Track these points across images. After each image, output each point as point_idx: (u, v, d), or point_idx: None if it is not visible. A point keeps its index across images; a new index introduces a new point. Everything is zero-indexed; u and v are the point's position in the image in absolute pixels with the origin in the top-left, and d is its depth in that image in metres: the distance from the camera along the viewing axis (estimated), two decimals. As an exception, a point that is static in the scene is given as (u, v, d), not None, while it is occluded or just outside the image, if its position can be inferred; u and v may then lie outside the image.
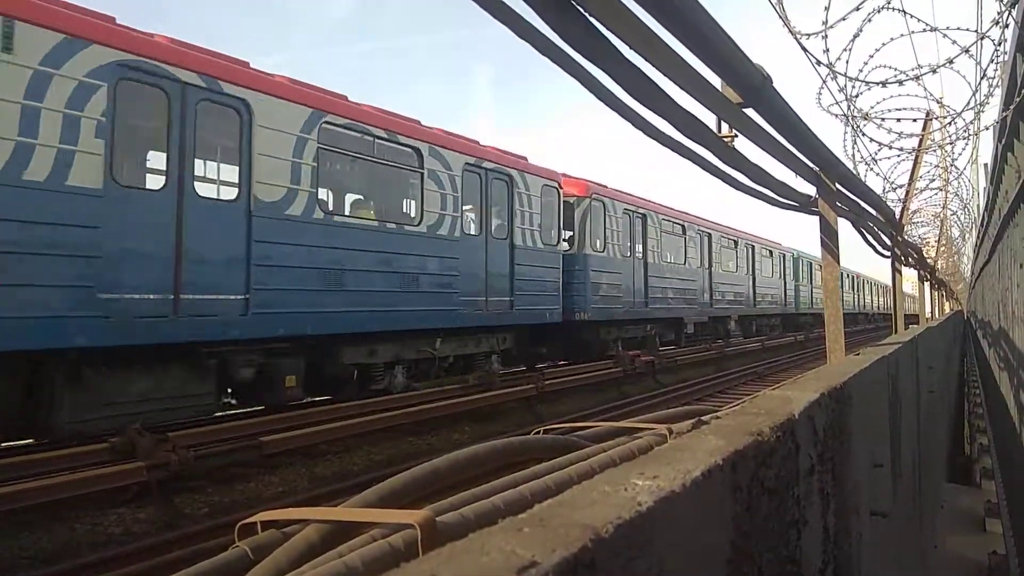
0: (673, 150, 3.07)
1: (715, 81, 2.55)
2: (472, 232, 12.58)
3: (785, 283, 31.93)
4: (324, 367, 9.93)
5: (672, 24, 1.90)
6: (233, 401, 9.48)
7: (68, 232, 6.79)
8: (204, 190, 8.40)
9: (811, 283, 35.61)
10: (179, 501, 6.80)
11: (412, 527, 1.19)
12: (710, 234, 23.48)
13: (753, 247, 27.79)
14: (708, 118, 2.92)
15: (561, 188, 15.22)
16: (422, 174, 11.29)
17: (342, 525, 1.33)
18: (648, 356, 17.03)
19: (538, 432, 2.17)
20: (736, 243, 26.00)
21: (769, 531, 1.28)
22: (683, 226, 21.36)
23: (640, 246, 18.46)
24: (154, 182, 8.18)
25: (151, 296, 7.47)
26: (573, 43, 1.74)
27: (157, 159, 8.52)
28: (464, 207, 12.34)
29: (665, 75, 2.11)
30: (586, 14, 1.67)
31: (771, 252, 30.25)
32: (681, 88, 2.28)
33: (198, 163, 8.48)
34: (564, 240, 15.50)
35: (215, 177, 9.26)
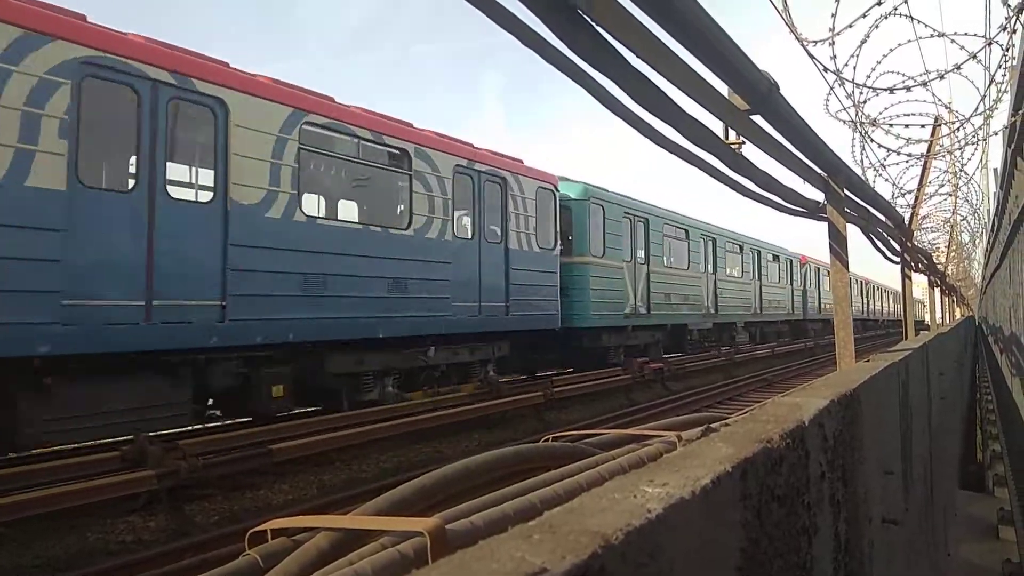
0: (681, 157, 3.08)
1: (722, 88, 2.56)
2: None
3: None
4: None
5: (679, 32, 1.91)
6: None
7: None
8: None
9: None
10: (189, 509, 6.82)
11: (422, 535, 1.19)
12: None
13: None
14: (715, 125, 2.92)
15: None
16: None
17: (352, 533, 1.33)
18: (657, 364, 16.99)
19: (547, 439, 2.16)
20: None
21: (779, 538, 1.27)
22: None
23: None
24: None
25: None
26: (581, 52, 1.75)
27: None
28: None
29: (672, 83, 2.12)
30: (593, 24, 1.68)
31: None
32: (688, 96, 2.28)
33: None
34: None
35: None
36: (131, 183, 7.68)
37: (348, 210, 11.68)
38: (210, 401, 8.82)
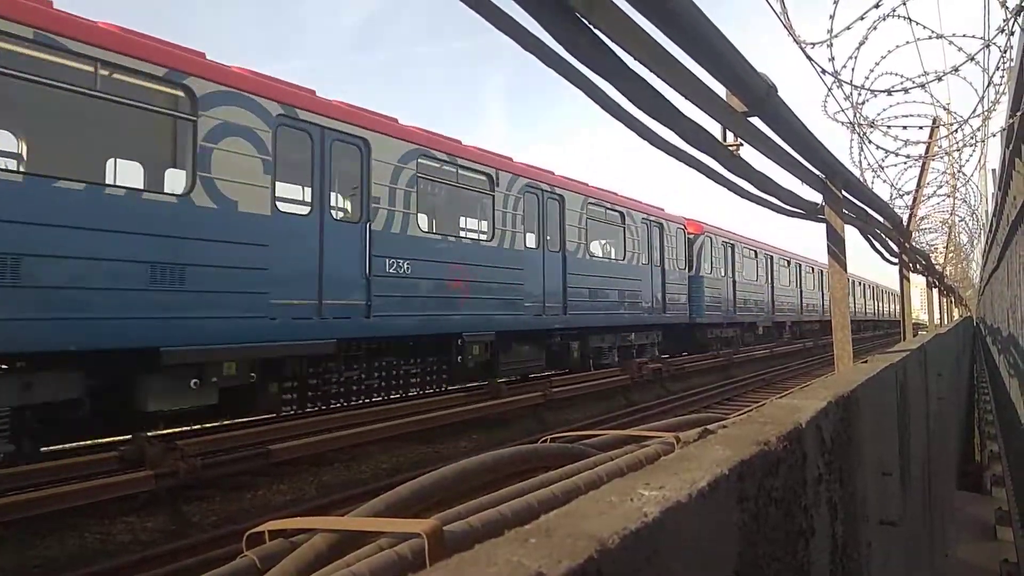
0: (679, 159, 3.08)
1: (720, 91, 2.56)
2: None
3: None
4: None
5: (677, 35, 1.92)
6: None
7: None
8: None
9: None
10: (187, 509, 6.82)
11: (419, 536, 1.20)
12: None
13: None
14: (713, 127, 2.93)
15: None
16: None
17: (350, 534, 1.33)
18: (655, 364, 17.00)
19: (545, 440, 2.17)
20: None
21: (776, 541, 1.28)
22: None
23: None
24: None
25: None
26: (580, 56, 1.75)
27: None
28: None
29: (670, 86, 2.12)
30: (592, 27, 1.68)
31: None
32: (686, 98, 2.29)
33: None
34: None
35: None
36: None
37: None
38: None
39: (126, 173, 9.42)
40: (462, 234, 13.81)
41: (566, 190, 15.02)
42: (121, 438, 7.69)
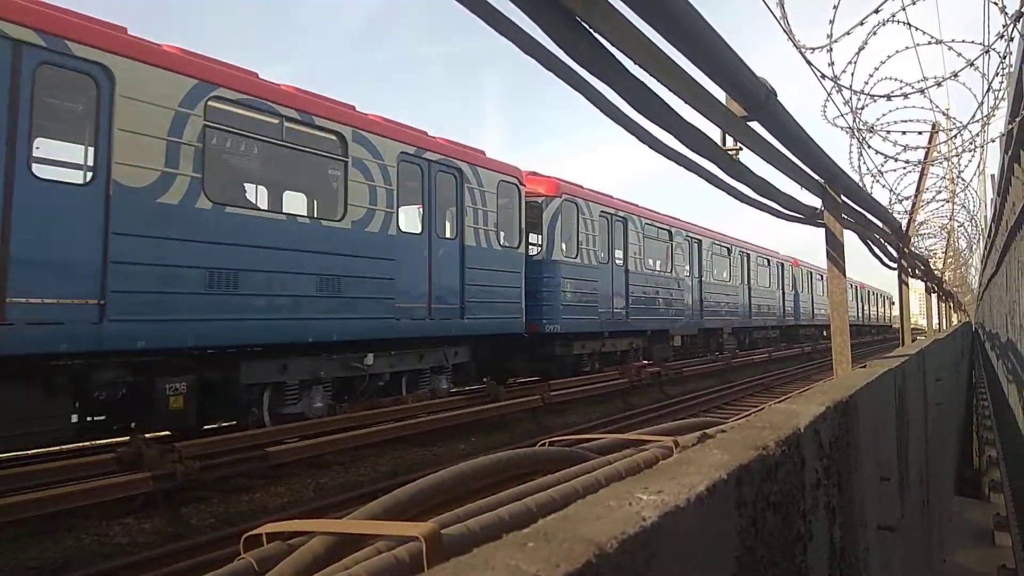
0: (678, 163, 3.08)
1: (720, 95, 2.56)
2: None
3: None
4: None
5: (677, 40, 1.92)
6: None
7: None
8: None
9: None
10: (185, 512, 6.80)
11: (417, 540, 1.19)
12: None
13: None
14: (713, 132, 2.93)
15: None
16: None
17: (347, 537, 1.33)
18: (654, 368, 17.00)
19: (544, 444, 2.17)
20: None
21: (775, 546, 1.28)
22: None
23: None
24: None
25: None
26: (580, 59, 1.76)
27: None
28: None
29: (670, 90, 2.13)
30: (592, 31, 1.68)
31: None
32: (686, 102, 2.29)
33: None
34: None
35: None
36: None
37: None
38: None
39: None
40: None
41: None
42: (119, 439, 7.68)
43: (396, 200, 10.80)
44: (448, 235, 12.22)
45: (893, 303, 60.82)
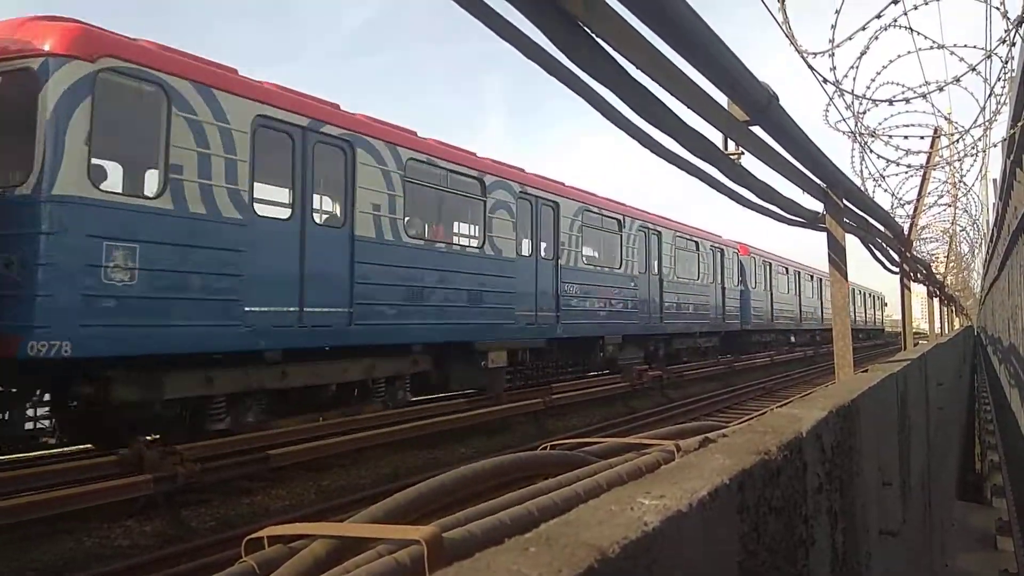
0: (680, 168, 3.08)
1: (722, 100, 2.57)
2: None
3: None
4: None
5: (678, 44, 1.92)
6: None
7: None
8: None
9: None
10: (186, 514, 6.80)
11: (418, 543, 1.19)
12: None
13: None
14: (715, 136, 2.93)
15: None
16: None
17: (349, 540, 1.33)
18: (656, 371, 17.00)
19: (545, 447, 2.16)
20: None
21: (777, 551, 1.28)
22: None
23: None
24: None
25: None
26: (581, 64, 1.76)
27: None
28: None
29: (672, 95, 2.13)
30: (594, 36, 1.68)
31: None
32: (688, 107, 2.29)
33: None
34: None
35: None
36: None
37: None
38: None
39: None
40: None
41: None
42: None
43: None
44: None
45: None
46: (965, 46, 5.29)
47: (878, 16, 4.52)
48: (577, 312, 14.87)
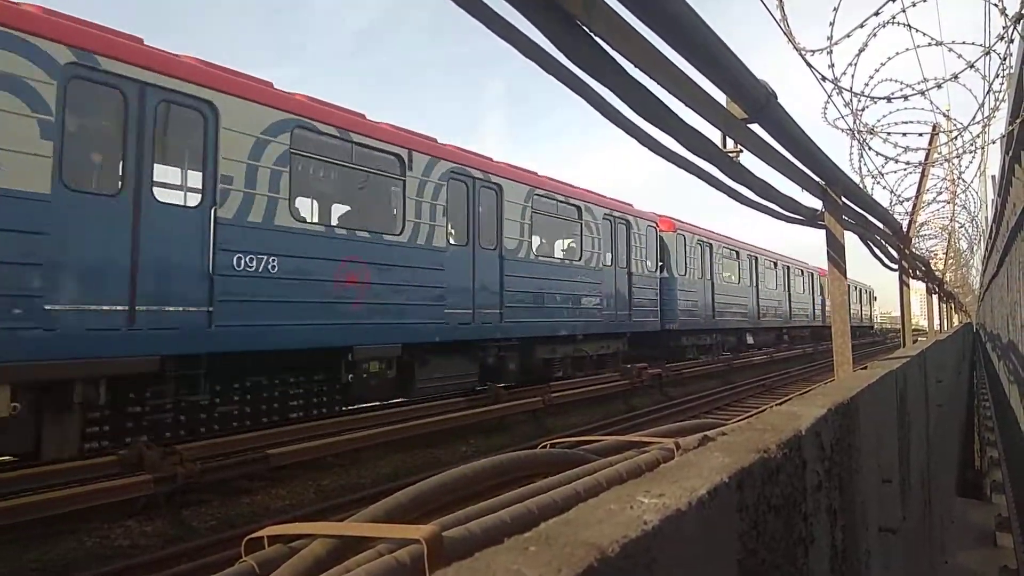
0: (679, 166, 3.08)
1: (720, 97, 2.57)
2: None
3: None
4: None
5: (678, 43, 1.92)
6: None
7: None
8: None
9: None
10: (186, 514, 6.81)
11: (418, 542, 1.19)
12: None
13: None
14: (713, 134, 2.93)
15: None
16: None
17: (349, 540, 1.33)
18: (655, 369, 17.02)
19: (545, 446, 2.17)
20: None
21: (776, 549, 1.28)
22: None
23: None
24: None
25: None
26: (579, 62, 1.76)
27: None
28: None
29: (671, 93, 2.13)
30: (592, 34, 1.68)
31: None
32: (686, 105, 2.29)
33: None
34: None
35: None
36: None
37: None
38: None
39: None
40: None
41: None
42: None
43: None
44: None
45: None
46: (964, 43, 5.29)
47: (876, 13, 4.53)
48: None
